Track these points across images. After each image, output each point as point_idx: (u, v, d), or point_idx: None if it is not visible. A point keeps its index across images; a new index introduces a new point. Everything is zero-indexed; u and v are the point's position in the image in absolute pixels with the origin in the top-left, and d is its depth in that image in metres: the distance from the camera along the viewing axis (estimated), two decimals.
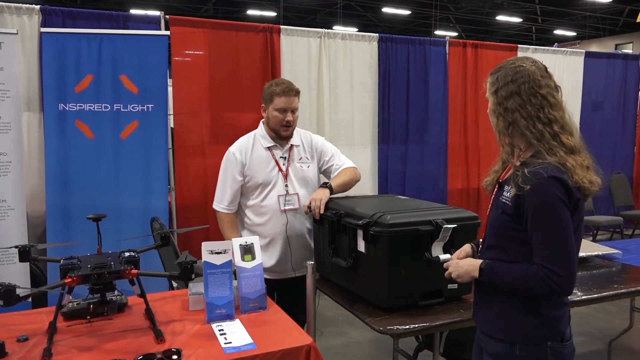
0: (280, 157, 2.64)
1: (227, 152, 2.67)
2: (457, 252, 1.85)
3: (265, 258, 2.57)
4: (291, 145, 2.67)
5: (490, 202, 1.72)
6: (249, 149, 2.63)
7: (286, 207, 2.60)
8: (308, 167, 2.68)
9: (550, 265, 1.49)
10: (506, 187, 1.61)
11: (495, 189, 1.71)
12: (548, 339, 1.58)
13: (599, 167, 1.63)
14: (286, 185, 2.61)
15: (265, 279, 2.14)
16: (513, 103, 1.59)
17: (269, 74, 4.62)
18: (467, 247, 1.86)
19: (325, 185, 2.57)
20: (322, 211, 2.44)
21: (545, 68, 1.65)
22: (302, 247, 2.67)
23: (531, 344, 1.59)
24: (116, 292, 1.97)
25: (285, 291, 2.63)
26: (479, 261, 1.67)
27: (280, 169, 2.62)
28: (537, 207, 1.50)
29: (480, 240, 1.78)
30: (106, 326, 1.90)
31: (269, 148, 2.63)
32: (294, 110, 2.60)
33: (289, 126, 2.60)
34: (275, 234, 2.61)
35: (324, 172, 2.78)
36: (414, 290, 2.13)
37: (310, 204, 2.48)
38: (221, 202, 2.66)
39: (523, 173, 1.53)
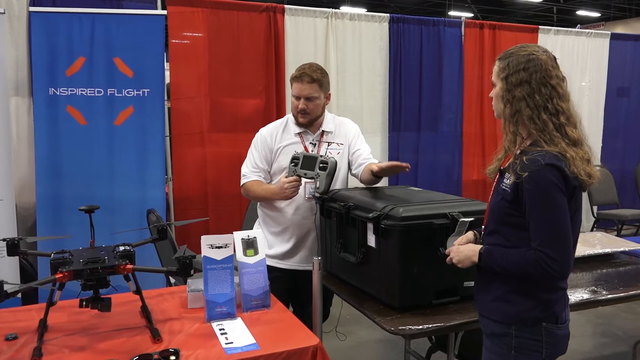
0: (310, 143, 2.65)
1: (257, 132, 2.71)
2: (460, 238, 1.93)
3: (282, 244, 2.62)
4: (323, 131, 2.68)
5: (492, 189, 1.82)
6: (279, 132, 2.67)
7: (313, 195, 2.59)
8: (338, 153, 2.66)
9: (546, 249, 1.60)
10: (506, 175, 1.72)
11: (497, 177, 1.81)
12: (543, 320, 1.70)
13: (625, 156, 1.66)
14: None
15: (284, 270, 2.10)
16: (521, 91, 1.68)
17: (272, 56, 4.59)
18: (469, 234, 1.95)
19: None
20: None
21: (555, 58, 1.73)
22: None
23: (526, 324, 1.71)
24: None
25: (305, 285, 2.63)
26: (479, 246, 1.78)
27: None
28: (534, 193, 1.62)
29: (483, 227, 1.87)
30: (100, 324, 1.89)
31: (299, 134, 2.66)
32: (309, 98, 2.57)
33: (305, 114, 2.59)
34: (295, 222, 2.61)
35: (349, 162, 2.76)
36: (427, 288, 2.12)
37: None
38: (245, 175, 2.66)
39: (522, 161, 1.64)
